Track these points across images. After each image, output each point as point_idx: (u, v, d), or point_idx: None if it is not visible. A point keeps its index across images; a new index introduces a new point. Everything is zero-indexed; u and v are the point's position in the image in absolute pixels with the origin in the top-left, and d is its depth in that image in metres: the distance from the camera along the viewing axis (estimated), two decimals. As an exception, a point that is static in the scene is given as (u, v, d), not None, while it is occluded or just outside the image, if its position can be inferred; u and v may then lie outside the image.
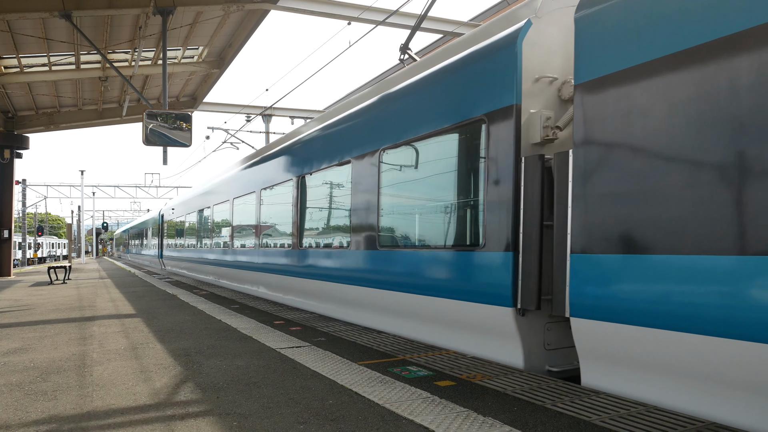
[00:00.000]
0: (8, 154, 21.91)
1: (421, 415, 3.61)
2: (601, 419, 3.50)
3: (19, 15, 11.96)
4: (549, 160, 4.72)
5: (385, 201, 6.85)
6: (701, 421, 3.39)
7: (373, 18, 13.99)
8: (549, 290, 4.68)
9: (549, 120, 4.93)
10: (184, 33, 14.95)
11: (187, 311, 9.57)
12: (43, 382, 4.71)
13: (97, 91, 19.53)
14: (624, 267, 3.90)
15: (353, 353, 5.72)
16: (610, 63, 4.06)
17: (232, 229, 13.96)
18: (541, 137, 4.92)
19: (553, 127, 4.88)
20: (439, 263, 5.88)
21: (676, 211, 3.57)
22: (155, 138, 11.53)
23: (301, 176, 9.59)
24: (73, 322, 8.43)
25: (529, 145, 4.97)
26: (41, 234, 55.74)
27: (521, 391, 4.16)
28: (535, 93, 5.04)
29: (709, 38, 3.42)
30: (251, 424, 3.53)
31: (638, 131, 3.86)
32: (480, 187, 5.32)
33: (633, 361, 3.93)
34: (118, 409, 3.90)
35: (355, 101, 8.33)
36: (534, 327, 4.97)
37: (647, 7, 3.81)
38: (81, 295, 13.17)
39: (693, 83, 3.51)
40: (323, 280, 8.57)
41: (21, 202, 43.92)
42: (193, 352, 5.88)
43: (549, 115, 4.95)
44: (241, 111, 23.75)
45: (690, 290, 3.49)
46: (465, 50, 5.86)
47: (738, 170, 3.27)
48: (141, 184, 49.50)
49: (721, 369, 3.35)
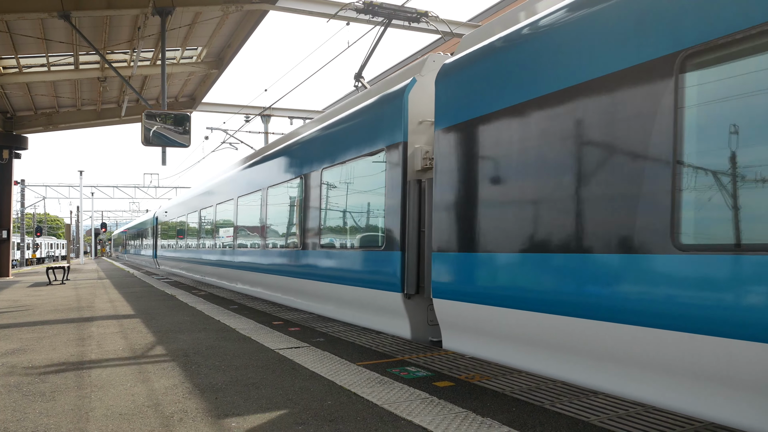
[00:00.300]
0: (7, 155, 21.87)
1: (419, 416, 3.61)
2: (600, 419, 3.50)
3: (18, 15, 11.94)
4: (424, 183, 6.34)
5: (324, 211, 8.68)
6: (699, 421, 3.40)
7: (371, 18, 13.96)
8: (425, 280, 6.28)
9: (427, 153, 6.46)
10: (183, 33, 14.94)
11: (185, 312, 9.57)
12: (42, 383, 4.70)
13: (96, 91, 19.52)
14: (460, 261, 5.48)
15: (352, 354, 5.72)
16: (451, 118, 5.72)
17: (210, 231, 16.91)
18: (421, 166, 6.46)
19: (430, 159, 6.39)
20: (355, 260, 7.52)
21: (485, 223, 5.19)
22: (154, 138, 11.49)
23: (266, 188, 11.51)
24: (72, 323, 8.42)
25: (413, 171, 6.51)
26: (40, 234, 55.69)
27: (520, 392, 4.16)
28: (418, 132, 6.60)
29: (500, 107, 5.08)
30: (250, 424, 3.53)
31: (465, 166, 5.48)
32: (382, 202, 6.90)
33: (473, 328, 5.45)
34: (117, 411, 3.89)
35: (310, 125, 10.16)
36: (418, 307, 6.56)
37: (473, 83, 5.49)
38: (79, 296, 13.16)
39: (491, 136, 5.19)
40: (281, 275, 10.54)
41: (20, 202, 43.91)
42: (192, 353, 5.88)
43: (427, 149, 6.49)
44: (239, 111, 23.75)
45: (496, 276, 5.10)
46: (377, 95, 7.51)
47: (514, 196, 4.89)
48: (140, 185, 49.49)
49: (523, 331, 4.82)
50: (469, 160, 5.42)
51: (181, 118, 11.73)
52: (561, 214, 4.38)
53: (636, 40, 3.86)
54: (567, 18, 4.49)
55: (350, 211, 7.91)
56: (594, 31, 4.20)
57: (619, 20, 4.01)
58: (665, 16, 3.71)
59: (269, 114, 24.28)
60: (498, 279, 5.08)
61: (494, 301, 5.05)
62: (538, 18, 4.83)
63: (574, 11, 4.44)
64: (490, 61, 5.28)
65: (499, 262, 5.03)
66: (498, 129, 5.08)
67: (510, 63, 5.01)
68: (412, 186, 6.36)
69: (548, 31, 4.65)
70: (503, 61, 5.10)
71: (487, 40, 5.49)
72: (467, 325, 5.50)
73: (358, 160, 7.54)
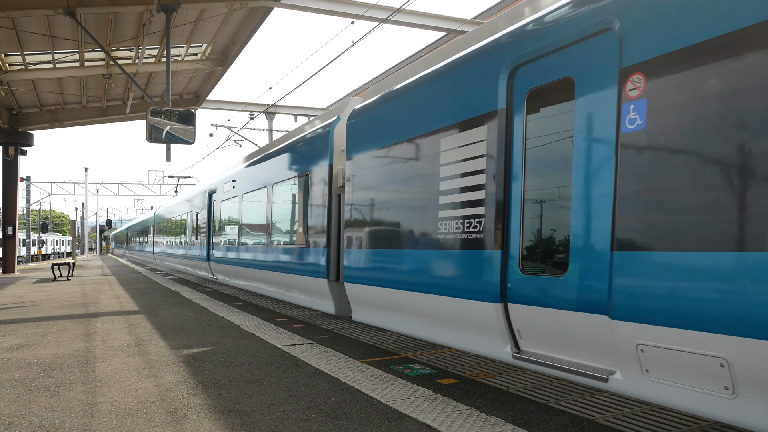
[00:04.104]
0: (13, 151, 21.96)
1: (423, 413, 3.60)
2: (605, 418, 3.48)
3: (24, 12, 11.98)
4: (341, 197, 8.33)
5: (275, 216, 11.21)
6: (705, 420, 3.38)
7: (376, 15, 13.96)
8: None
9: (345, 174, 8.04)
10: (188, 30, 14.96)
11: (190, 308, 9.59)
12: (47, 378, 4.72)
13: (101, 88, 19.56)
14: (355, 254, 7.55)
15: (356, 351, 5.71)
16: (353, 150, 7.72)
17: (192, 230, 19.75)
18: (342, 183, 8.30)
19: (348, 178, 7.88)
20: (294, 254, 9.89)
21: (366, 227, 7.29)
22: (159, 135, 11.52)
23: (244, 193, 13.58)
24: (77, 319, 8.45)
25: (337, 187, 8.46)
26: (45, 231, 55.90)
27: (524, 389, 4.15)
28: (340, 158, 8.56)
29: (378, 147, 7.05)
30: (254, 421, 3.53)
31: (357, 187, 7.54)
32: (312, 211, 9.08)
33: (368, 304, 7.44)
34: (121, 406, 3.90)
35: (268, 147, 12.60)
36: (341, 291, 8.55)
37: (365, 126, 7.49)
38: (84, 292, 13.21)
39: (371, 167, 7.20)
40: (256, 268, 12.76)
41: (25, 199, 44.05)
42: (196, 349, 5.89)
43: (345, 171, 8.10)
44: (244, 109, 23.76)
45: (372, 265, 7.12)
46: (312, 128, 9.85)
47: (381, 209, 6.93)
48: (144, 182, 49.63)
49: (388, 302, 6.85)
50: (359, 183, 7.51)
51: (186, 115, 11.74)
52: (397, 225, 6.57)
53: (434, 114, 5.97)
54: (410, 89, 6.58)
55: (294, 217, 10.25)
56: (419, 103, 6.27)
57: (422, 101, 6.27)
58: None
59: (273, 111, 24.29)
60: (373, 267, 7.15)
61: (372, 282, 7.14)
62: (400, 86, 6.85)
63: (406, 92, 6.64)
64: (374, 111, 7.36)
65: (371, 256, 7.17)
66: (373, 161, 7.16)
67: (381, 115, 7.14)
68: (335, 198, 8.48)
69: (400, 96, 6.76)
70: (378, 114, 7.22)
71: (377, 95, 7.49)
72: (364, 301, 7.52)
73: (299, 178, 9.84)
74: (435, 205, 5.81)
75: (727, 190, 3.18)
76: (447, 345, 5.89)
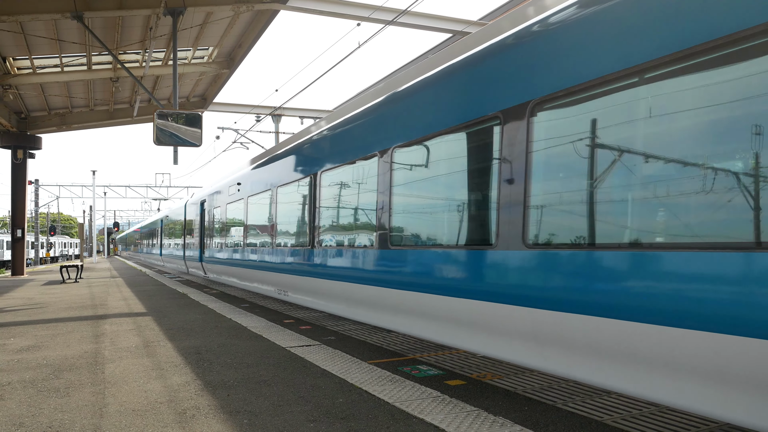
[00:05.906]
0: (21, 155, 22.11)
1: (431, 414, 3.60)
2: (613, 419, 3.47)
3: (32, 16, 12.07)
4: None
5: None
6: (715, 421, 3.36)
7: (382, 18, 13.98)
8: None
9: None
10: (194, 33, 15.02)
11: (197, 310, 9.62)
12: (56, 379, 4.75)
13: (108, 91, 19.67)
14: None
15: (363, 352, 5.72)
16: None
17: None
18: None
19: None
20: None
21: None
22: (166, 138, 11.57)
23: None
24: (86, 320, 8.50)
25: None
26: (53, 233, 56.24)
27: (532, 391, 4.14)
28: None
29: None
30: (261, 421, 3.54)
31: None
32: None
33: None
34: (130, 407, 3.93)
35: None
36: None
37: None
38: (93, 294, 13.28)
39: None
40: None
41: (34, 202, 44.35)
42: (204, 351, 5.91)
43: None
44: (250, 111, 23.83)
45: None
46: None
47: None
48: (152, 184, 49.83)
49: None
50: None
51: (193, 117, 11.79)
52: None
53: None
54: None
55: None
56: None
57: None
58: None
59: (280, 114, 24.35)
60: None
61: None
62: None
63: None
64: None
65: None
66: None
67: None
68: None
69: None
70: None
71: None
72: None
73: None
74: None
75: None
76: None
